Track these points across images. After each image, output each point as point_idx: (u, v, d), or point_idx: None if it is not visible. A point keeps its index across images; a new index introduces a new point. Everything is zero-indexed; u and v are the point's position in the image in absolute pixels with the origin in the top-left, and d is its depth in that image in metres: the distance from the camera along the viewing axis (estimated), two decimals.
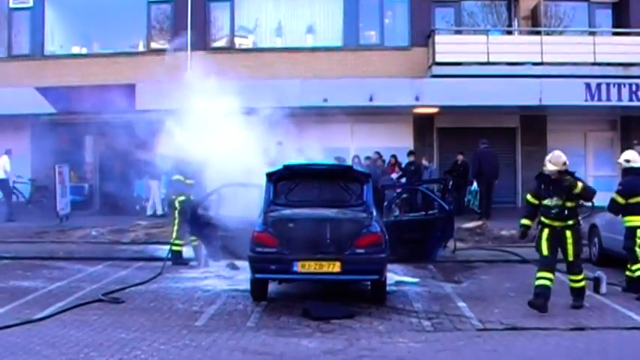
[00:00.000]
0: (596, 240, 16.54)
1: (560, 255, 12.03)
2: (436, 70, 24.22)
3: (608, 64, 24.00)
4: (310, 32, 26.03)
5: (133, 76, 24.16)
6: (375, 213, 12.69)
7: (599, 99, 23.21)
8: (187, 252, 16.57)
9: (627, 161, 12.97)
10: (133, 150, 25.91)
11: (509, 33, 26.19)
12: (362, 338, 10.36)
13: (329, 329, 10.87)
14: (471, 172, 23.38)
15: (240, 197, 14.45)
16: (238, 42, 26.22)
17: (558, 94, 23.09)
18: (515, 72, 23.81)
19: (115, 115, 22.09)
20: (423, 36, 25.28)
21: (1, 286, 14.02)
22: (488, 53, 24.07)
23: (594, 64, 23.96)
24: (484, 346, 9.98)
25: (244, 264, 14.91)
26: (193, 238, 16.08)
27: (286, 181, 12.93)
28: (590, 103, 23.27)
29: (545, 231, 11.90)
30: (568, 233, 11.81)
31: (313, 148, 23.58)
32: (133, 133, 23.53)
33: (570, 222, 11.81)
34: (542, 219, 12.00)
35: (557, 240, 11.84)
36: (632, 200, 12.81)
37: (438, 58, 24.17)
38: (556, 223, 11.83)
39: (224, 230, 14.24)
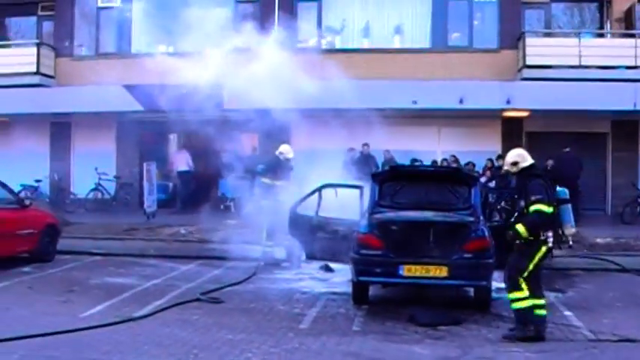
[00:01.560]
0: None
1: None
2: (526, 73, 23.56)
3: None
4: (398, 33, 25.56)
5: (220, 75, 23.90)
6: (482, 217, 12.26)
7: None
8: (279, 253, 16.31)
9: (515, 164, 10.63)
10: (219, 149, 26.11)
11: (601, 36, 25.39)
12: (474, 346, 9.95)
13: (438, 336, 10.51)
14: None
15: (339, 198, 14.14)
16: (325, 42, 25.78)
17: None
18: (607, 76, 23.00)
19: (201, 113, 22.16)
20: (512, 38, 24.60)
21: (96, 282, 13.99)
22: (579, 56, 23.29)
23: None
24: (602, 358, 9.51)
25: (338, 266, 14.91)
26: (286, 238, 15.82)
27: (392, 183, 12.58)
28: None
29: None
30: None
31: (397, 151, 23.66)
32: (219, 132, 23.88)
33: None
34: None
35: None
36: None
37: (529, 61, 23.51)
38: None
39: (323, 231, 13.95)
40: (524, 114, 23.95)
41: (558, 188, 10.83)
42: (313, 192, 14.28)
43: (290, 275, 15.15)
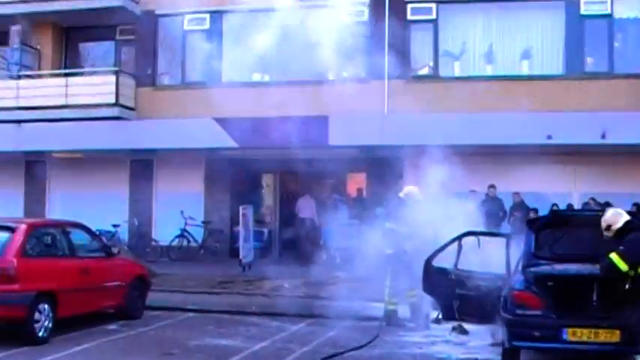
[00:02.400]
0: None
1: None
2: None
3: None
4: (526, 58, 24.74)
5: (322, 107, 23.72)
6: None
7: None
8: (404, 311, 15.69)
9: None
10: (323, 191, 25.88)
11: None
12: None
13: None
14: None
15: (480, 249, 13.51)
16: (442, 70, 25.21)
17: None
18: None
19: (303, 150, 21.94)
20: None
21: (196, 343, 13.58)
22: None
23: None
24: None
25: (473, 327, 14.27)
26: (412, 294, 15.23)
27: (551, 231, 11.81)
28: None
29: None
30: None
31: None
32: (323, 172, 23.66)
33: None
34: None
35: None
36: None
37: None
38: None
39: (464, 287, 13.34)
40: None
41: None
42: (452, 241, 13.68)
43: (419, 338, 14.43)
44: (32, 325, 13.07)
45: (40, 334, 13.22)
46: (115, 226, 25.99)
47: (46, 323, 13.36)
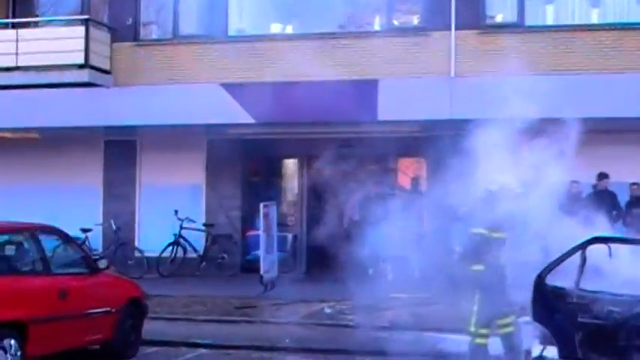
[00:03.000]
0: None
1: None
2: None
3: None
4: None
5: (363, 69, 23.54)
6: None
7: None
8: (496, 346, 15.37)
9: None
10: (371, 183, 25.59)
11: None
12: None
13: None
14: None
15: (611, 260, 13.23)
16: (529, 17, 24.88)
17: None
18: None
19: (341, 127, 21.97)
20: None
21: None
22: None
23: None
24: None
25: None
26: (506, 322, 15.01)
27: None
28: None
29: None
30: None
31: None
32: (368, 157, 23.42)
33: None
34: None
35: None
36: None
37: None
38: None
39: (589, 314, 12.99)
40: None
41: None
42: (573, 251, 13.35)
43: None
44: None
45: None
46: (84, 230, 25.91)
47: None
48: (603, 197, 22.66)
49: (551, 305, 13.56)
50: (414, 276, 23.51)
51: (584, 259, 13.32)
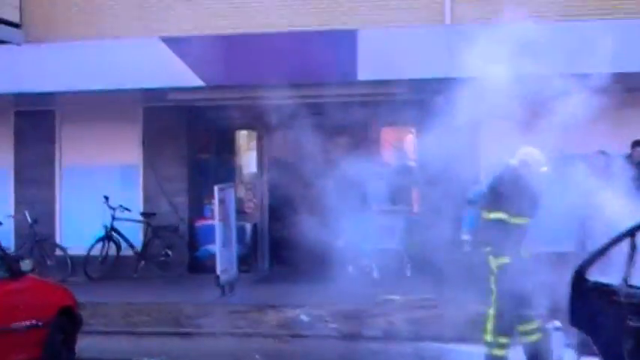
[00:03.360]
0: None
1: None
2: None
3: None
4: None
5: (338, 17, 23.31)
6: None
7: None
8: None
9: None
10: (348, 159, 25.39)
11: None
12: None
13: None
14: None
15: None
16: None
17: None
18: None
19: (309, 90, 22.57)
20: None
21: None
22: None
23: None
24: None
25: None
26: (530, 328, 14.90)
27: None
28: None
29: None
30: None
31: None
32: (346, 127, 23.28)
33: None
34: None
35: None
36: None
37: None
38: None
39: None
40: None
41: None
42: (617, 239, 13.06)
43: None
44: None
45: None
46: None
47: None
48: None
49: (592, 306, 13.29)
50: (405, 273, 23.64)
51: (633, 249, 13.07)
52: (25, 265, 15.33)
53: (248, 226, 26.62)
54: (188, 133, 26.18)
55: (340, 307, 19.68)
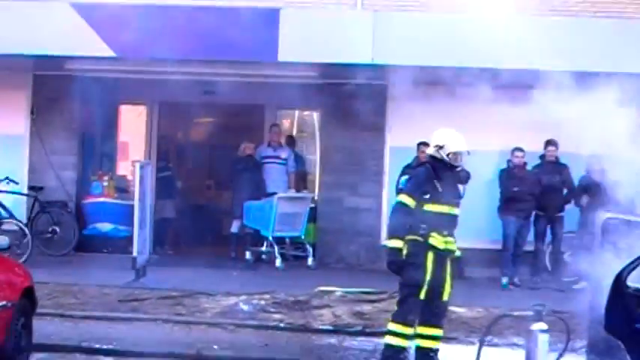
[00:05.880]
0: None
1: None
2: None
3: None
4: None
5: None
6: None
7: None
8: None
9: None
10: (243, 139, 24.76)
11: None
12: None
13: None
14: None
15: None
16: None
17: None
18: None
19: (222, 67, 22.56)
20: None
21: None
22: None
23: None
24: None
25: None
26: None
27: None
28: None
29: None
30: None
31: None
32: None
33: None
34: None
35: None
36: None
37: None
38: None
39: None
40: None
41: None
42: None
43: None
44: None
45: None
46: None
47: None
48: (553, 170, 22.84)
49: (631, 313, 12.70)
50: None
51: None
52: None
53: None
54: (80, 105, 24.98)
55: (279, 297, 19.07)
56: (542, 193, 22.60)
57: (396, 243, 14.02)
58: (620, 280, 12.80)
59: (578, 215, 22.63)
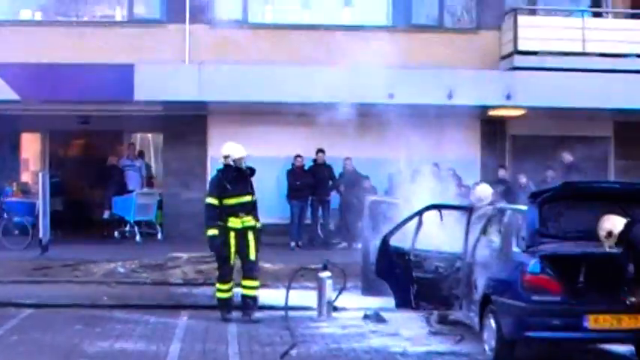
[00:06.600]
0: None
1: None
2: (519, 60, 23.43)
3: None
4: (348, 5, 24.82)
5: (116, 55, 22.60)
6: None
7: None
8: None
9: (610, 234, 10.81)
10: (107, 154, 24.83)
11: (598, 15, 25.69)
12: None
13: None
14: None
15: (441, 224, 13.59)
16: (253, 15, 24.70)
17: None
18: (614, 66, 23.35)
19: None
20: (494, 16, 24.55)
21: (95, 350, 12.23)
22: (583, 41, 23.52)
23: None
24: None
25: (392, 315, 14.45)
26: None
27: (556, 205, 11.62)
28: None
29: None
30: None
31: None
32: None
33: None
34: None
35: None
36: None
37: (521, 46, 23.41)
38: None
39: (423, 270, 13.32)
40: (518, 112, 23.76)
41: None
42: (413, 216, 13.43)
43: (335, 329, 14.04)
44: None
45: None
46: None
47: None
48: (321, 169, 23.43)
49: (392, 263, 13.60)
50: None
51: (420, 223, 13.44)
52: None
53: (37, 202, 24.43)
54: None
55: (147, 261, 18.91)
56: (315, 185, 23.25)
57: (212, 231, 14.08)
58: (385, 241, 13.70)
59: (339, 199, 23.66)
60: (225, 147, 14.60)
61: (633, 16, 25.06)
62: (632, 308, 10.67)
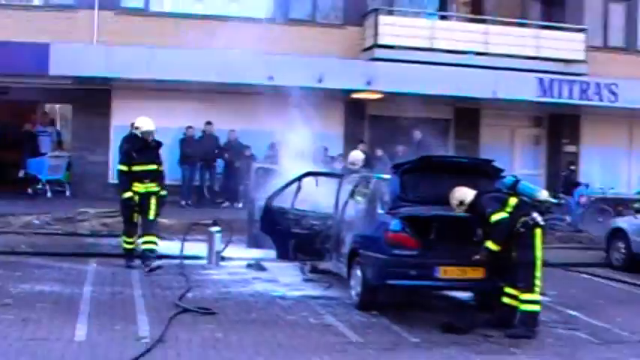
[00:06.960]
0: (621, 244, 17.14)
1: None
2: (379, 53, 23.70)
3: (551, 60, 24.57)
4: (235, 1, 24.52)
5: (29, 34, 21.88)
6: None
7: (551, 95, 23.70)
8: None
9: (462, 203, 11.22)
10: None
11: (444, 18, 26.05)
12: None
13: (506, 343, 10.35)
14: None
15: (317, 188, 13.71)
16: (153, 4, 24.19)
17: (511, 87, 23.44)
18: (457, 61, 23.75)
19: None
20: (358, 14, 24.70)
21: (19, 291, 11.91)
22: (432, 39, 23.91)
23: (537, 58, 24.51)
24: None
25: (271, 265, 14.51)
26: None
27: (414, 175, 11.78)
28: (543, 99, 23.83)
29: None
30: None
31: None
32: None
33: None
34: None
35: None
36: None
37: (381, 40, 23.68)
38: None
39: (301, 227, 13.47)
40: (376, 96, 23.96)
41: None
42: (293, 181, 13.46)
43: (224, 275, 14.02)
44: None
45: None
46: None
47: None
48: (209, 139, 23.25)
49: (274, 220, 13.67)
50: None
51: (299, 187, 13.48)
52: None
53: None
54: None
55: (59, 215, 18.28)
56: (203, 152, 22.83)
57: (127, 194, 14.00)
58: (269, 202, 13.74)
59: (224, 165, 23.33)
60: (139, 120, 14.41)
61: (473, 20, 25.46)
62: (475, 263, 10.96)
